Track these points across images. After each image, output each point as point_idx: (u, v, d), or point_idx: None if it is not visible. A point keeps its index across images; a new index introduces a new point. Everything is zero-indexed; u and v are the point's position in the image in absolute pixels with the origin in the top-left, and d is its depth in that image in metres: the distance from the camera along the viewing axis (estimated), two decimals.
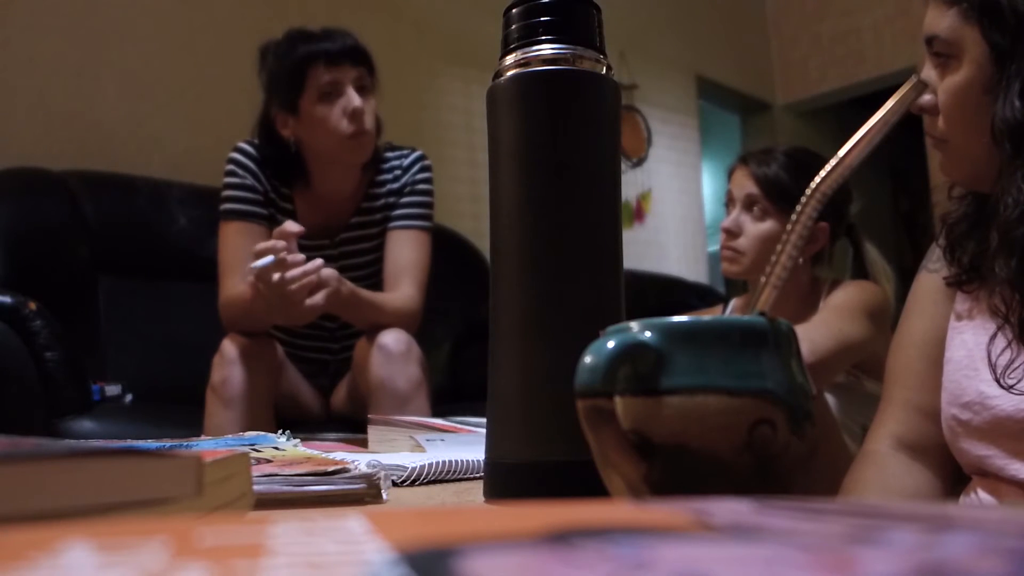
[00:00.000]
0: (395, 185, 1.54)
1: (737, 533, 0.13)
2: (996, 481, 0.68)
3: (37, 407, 1.42)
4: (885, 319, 1.29)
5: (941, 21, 0.70)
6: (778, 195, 1.34)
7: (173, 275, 1.90)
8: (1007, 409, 0.65)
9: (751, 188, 1.36)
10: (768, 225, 1.35)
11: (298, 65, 1.41)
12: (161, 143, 2.17)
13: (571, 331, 0.41)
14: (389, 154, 1.56)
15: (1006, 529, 0.14)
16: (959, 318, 0.74)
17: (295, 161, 1.49)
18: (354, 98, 1.41)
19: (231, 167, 1.47)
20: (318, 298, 1.26)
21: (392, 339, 1.35)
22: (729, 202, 1.42)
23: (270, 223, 1.48)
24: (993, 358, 0.67)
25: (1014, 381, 0.64)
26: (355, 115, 1.41)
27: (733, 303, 1.55)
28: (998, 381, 0.65)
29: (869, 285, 1.35)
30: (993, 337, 0.67)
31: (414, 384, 1.35)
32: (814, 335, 1.16)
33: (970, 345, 0.71)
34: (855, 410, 1.31)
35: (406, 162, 1.54)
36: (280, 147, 1.48)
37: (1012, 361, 0.65)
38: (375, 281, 1.52)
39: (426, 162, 1.56)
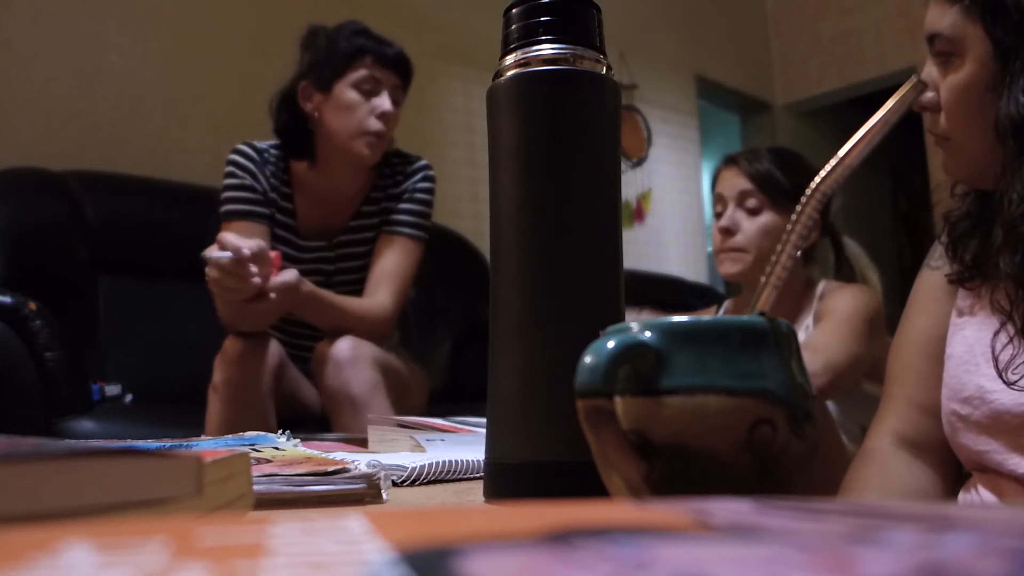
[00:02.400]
0: (395, 190, 1.54)
1: (737, 533, 0.13)
2: (995, 476, 0.68)
3: (37, 407, 1.42)
4: (881, 324, 1.30)
5: (943, 19, 0.69)
6: (772, 188, 1.35)
7: (173, 275, 1.90)
8: (1006, 403, 0.65)
9: (744, 184, 1.36)
10: (765, 218, 1.35)
11: (351, 51, 1.44)
12: (161, 143, 2.17)
13: (571, 331, 0.41)
14: (395, 159, 1.56)
15: (1006, 529, 0.14)
16: (960, 314, 0.74)
17: (305, 138, 1.49)
18: (387, 102, 1.45)
19: (230, 168, 1.47)
20: (264, 304, 1.24)
21: (339, 347, 1.36)
22: (718, 203, 1.42)
23: (271, 223, 1.48)
24: (996, 354, 0.67)
25: (1017, 377, 0.64)
26: (383, 117, 1.44)
27: (727, 304, 1.56)
28: (1001, 377, 0.65)
29: (864, 291, 1.35)
30: (996, 334, 0.67)
31: (368, 387, 1.34)
32: (831, 355, 1.20)
33: (971, 341, 0.71)
34: (854, 412, 1.31)
35: (409, 169, 1.55)
36: (295, 119, 1.49)
37: (1014, 358, 0.65)
38: None
39: (430, 172, 1.56)
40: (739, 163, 1.39)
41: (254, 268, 1.20)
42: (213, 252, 1.18)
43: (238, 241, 1.19)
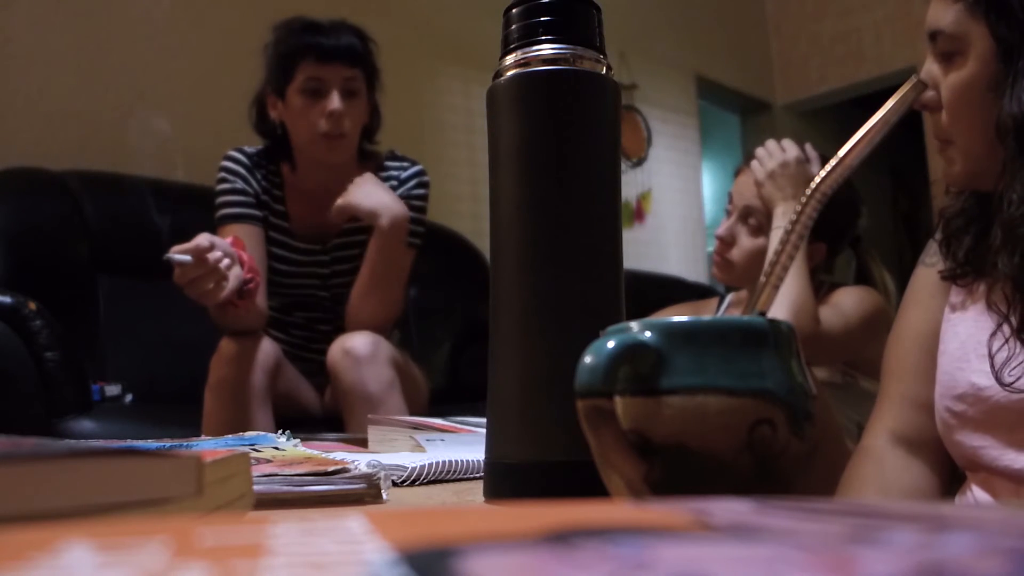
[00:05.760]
0: None
1: (737, 533, 0.13)
2: (989, 475, 0.68)
3: (37, 407, 1.42)
4: (884, 325, 1.28)
5: (945, 16, 0.69)
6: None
7: (173, 275, 1.90)
8: (1000, 400, 0.65)
9: (752, 200, 1.32)
10: (762, 241, 1.31)
11: (289, 55, 1.42)
12: (161, 143, 2.17)
13: (571, 331, 0.41)
14: (390, 163, 1.55)
15: (1006, 529, 0.14)
16: (953, 310, 0.73)
17: (283, 144, 1.50)
18: (334, 101, 1.41)
19: (222, 174, 1.47)
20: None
21: (359, 342, 1.35)
22: (729, 202, 1.40)
23: (265, 225, 1.48)
24: (992, 354, 0.66)
25: (1013, 379, 0.64)
26: (332, 117, 1.41)
27: (730, 298, 1.54)
28: (996, 377, 0.65)
29: (869, 292, 1.34)
30: (993, 334, 0.67)
31: (385, 385, 1.34)
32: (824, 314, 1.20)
33: (963, 337, 0.70)
34: (851, 408, 1.31)
35: (404, 175, 1.53)
36: (269, 127, 1.50)
37: (1010, 358, 0.65)
38: None
39: (424, 178, 1.54)
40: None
41: (217, 255, 1.20)
42: (175, 255, 1.20)
43: (198, 239, 1.20)
